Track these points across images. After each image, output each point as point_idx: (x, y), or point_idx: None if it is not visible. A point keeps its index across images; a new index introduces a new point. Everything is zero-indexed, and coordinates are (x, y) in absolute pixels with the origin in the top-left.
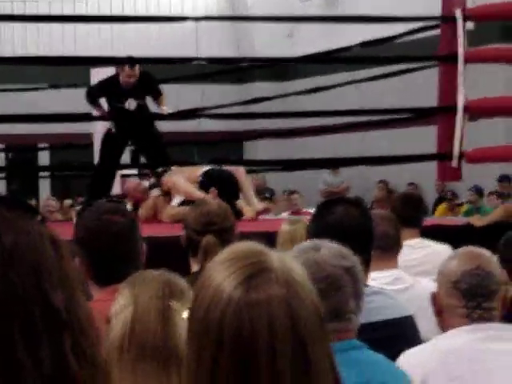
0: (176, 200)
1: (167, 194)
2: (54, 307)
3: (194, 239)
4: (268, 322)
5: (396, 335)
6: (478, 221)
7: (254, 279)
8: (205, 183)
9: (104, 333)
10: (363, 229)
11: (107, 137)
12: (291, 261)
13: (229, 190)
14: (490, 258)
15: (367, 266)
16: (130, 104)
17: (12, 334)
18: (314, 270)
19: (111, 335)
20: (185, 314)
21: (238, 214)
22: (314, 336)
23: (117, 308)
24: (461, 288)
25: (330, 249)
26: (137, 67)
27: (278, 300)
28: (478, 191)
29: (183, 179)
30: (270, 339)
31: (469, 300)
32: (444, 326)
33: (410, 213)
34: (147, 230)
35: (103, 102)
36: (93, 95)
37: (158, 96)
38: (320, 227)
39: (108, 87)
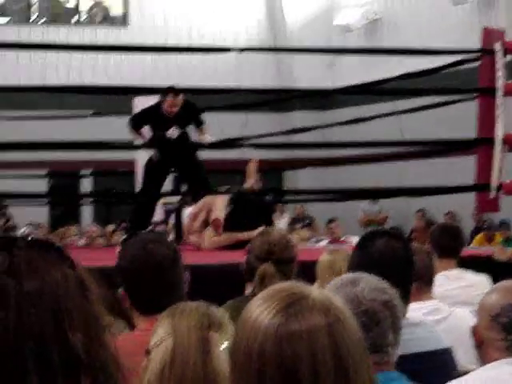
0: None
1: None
2: (72, 348)
3: (254, 265)
4: (310, 351)
5: (435, 367)
6: (501, 254)
7: (293, 308)
8: (235, 203)
9: (143, 363)
10: (405, 262)
11: (150, 164)
12: (330, 293)
13: (263, 215)
14: None
15: (407, 298)
16: (173, 132)
17: (26, 370)
18: (353, 304)
19: (151, 366)
20: (224, 345)
21: None
22: (357, 363)
23: (157, 339)
24: (501, 322)
25: (368, 283)
26: (180, 96)
27: (319, 328)
28: (506, 225)
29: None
30: (312, 367)
31: (509, 333)
32: (484, 359)
33: (448, 243)
34: (190, 259)
35: (146, 130)
36: (135, 122)
37: (199, 125)
38: (362, 259)
39: (151, 115)
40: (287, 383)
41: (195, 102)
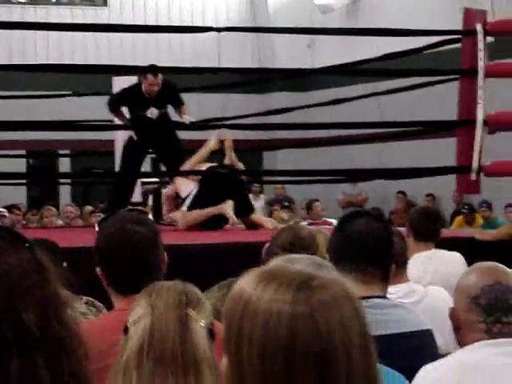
0: (186, 203)
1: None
2: (26, 326)
3: (275, 252)
4: (341, 320)
5: (415, 347)
6: (479, 234)
7: (309, 284)
8: (206, 181)
9: (121, 341)
10: (384, 242)
11: (128, 144)
12: (329, 273)
13: (234, 190)
14: (507, 273)
15: (387, 278)
16: (152, 112)
17: None
18: None
19: (130, 344)
20: (202, 323)
21: (254, 225)
22: (365, 338)
23: (134, 317)
24: (480, 303)
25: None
26: (160, 76)
27: (343, 297)
28: (489, 206)
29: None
30: (344, 339)
31: (488, 315)
32: (463, 341)
33: (426, 226)
34: (167, 239)
35: (125, 110)
36: (114, 103)
37: (179, 105)
38: (342, 239)
39: (130, 96)
40: (323, 365)
41: (175, 82)
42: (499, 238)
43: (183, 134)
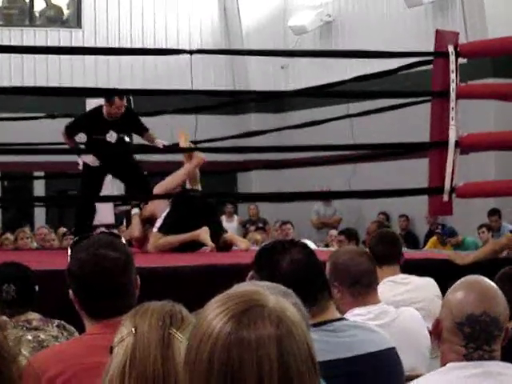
0: (157, 224)
1: (148, 221)
2: None
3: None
4: (257, 361)
5: (378, 368)
6: (459, 259)
7: (246, 315)
8: (177, 203)
9: (108, 360)
10: (313, 272)
11: (86, 168)
12: (285, 301)
13: (205, 213)
14: (497, 299)
15: (310, 301)
16: (112, 136)
17: None
18: None
19: (113, 363)
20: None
21: (227, 245)
22: (303, 376)
23: (118, 337)
24: (464, 331)
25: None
26: (124, 100)
27: (268, 339)
28: (452, 235)
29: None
30: (257, 377)
31: (469, 341)
32: (443, 356)
33: (387, 250)
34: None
35: (80, 135)
36: (73, 129)
37: (144, 132)
38: (278, 278)
39: (90, 120)
40: None
41: (147, 105)
42: (482, 258)
43: (156, 157)
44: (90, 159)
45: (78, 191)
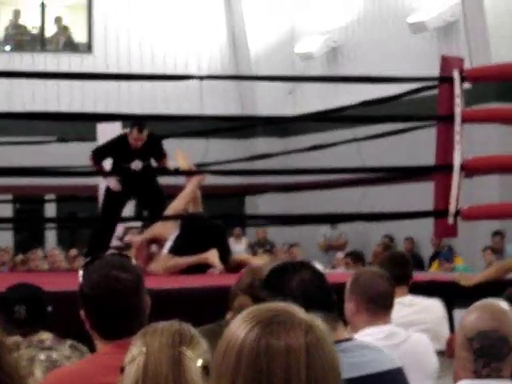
0: (167, 246)
1: (153, 241)
2: None
3: (236, 294)
4: (285, 368)
5: None
6: (465, 280)
7: (275, 324)
8: (186, 225)
9: (118, 380)
10: (323, 293)
11: (109, 192)
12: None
13: (215, 236)
14: (510, 320)
15: (336, 322)
16: (137, 165)
17: None
18: None
19: (125, 382)
20: (199, 362)
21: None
22: (330, 382)
23: (130, 357)
24: (473, 346)
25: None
26: (145, 132)
27: (298, 347)
28: (448, 259)
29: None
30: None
31: (479, 357)
32: (455, 373)
33: (397, 272)
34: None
35: (106, 161)
36: (99, 156)
37: (161, 158)
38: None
39: (116, 148)
40: None
41: (159, 135)
42: (486, 280)
43: (166, 180)
44: (113, 183)
45: (91, 214)
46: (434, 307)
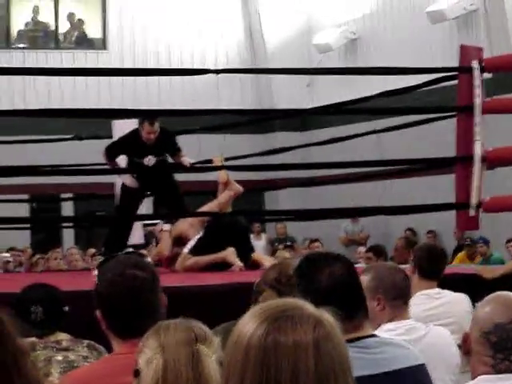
0: (188, 246)
1: (177, 241)
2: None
3: (262, 289)
4: (294, 364)
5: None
6: (487, 272)
7: (283, 319)
8: (211, 227)
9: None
10: (354, 285)
11: (125, 189)
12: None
13: (238, 238)
14: None
15: (368, 316)
16: (150, 160)
17: None
18: None
19: None
20: (213, 357)
21: (255, 265)
22: (340, 379)
23: (145, 359)
24: (491, 340)
25: None
26: (156, 125)
27: (306, 343)
28: (486, 242)
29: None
30: (294, 378)
31: (497, 351)
32: (473, 369)
33: (431, 266)
34: (166, 281)
35: (121, 157)
36: (112, 153)
37: (176, 153)
38: (313, 292)
39: (128, 144)
40: None
41: (172, 130)
42: (510, 272)
43: (183, 176)
44: (129, 180)
45: (109, 212)
46: (459, 301)
